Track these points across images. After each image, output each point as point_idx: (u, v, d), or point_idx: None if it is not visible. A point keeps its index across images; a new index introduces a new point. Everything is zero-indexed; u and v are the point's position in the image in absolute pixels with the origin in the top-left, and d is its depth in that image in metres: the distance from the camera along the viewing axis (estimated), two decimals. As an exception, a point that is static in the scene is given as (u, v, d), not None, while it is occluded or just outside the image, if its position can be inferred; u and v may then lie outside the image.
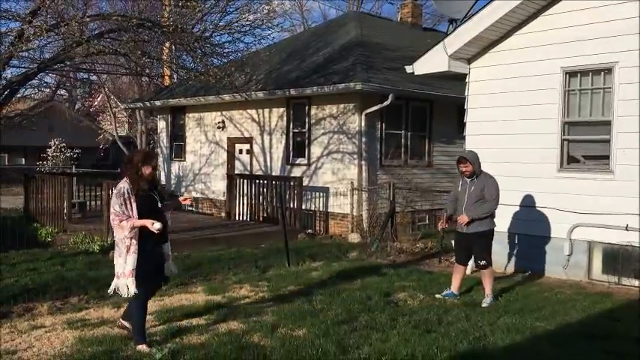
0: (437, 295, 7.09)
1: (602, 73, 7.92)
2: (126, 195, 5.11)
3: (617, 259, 7.79)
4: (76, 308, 6.56)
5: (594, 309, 6.57)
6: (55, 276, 8.05)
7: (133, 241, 5.10)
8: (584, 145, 8.33)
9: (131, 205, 5.12)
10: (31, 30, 9.76)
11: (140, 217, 5.12)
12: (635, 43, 7.51)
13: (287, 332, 5.60)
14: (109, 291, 5.41)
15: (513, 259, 8.86)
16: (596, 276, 8.02)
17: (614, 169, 7.77)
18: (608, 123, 7.85)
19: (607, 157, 7.88)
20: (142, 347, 5.12)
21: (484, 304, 6.70)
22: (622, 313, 6.45)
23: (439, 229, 7.83)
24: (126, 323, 5.54)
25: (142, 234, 5.14)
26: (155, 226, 5.06)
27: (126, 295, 5.21)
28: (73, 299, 6.97)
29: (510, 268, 8.84)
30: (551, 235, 8.30)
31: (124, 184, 5.18)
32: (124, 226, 5.06)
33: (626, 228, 7.60)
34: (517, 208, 8.63)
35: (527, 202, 8.52)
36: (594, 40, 7.88)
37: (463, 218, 6.82)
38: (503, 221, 8.84)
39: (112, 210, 5.14)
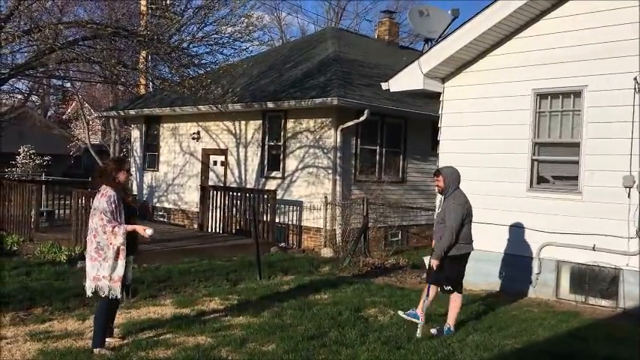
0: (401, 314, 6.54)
1: (572, 95, 8.11)
2: (116, 202, 5.28)
3: (584, 278, 7.92)
4: (39, 319, 6.40)
5: (561, 328, 6.65)
6: (20, 286, 7.86)
7: (123, 247, 5.26)
8: (554, 166, 8.49)
9: (120, 212, 5.30)
10: (3, 35, 9.59)
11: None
12: (604, 67, 7.71)
13: (256, 347, 5.54)
14: (88, 294, 5.40)
15: (484, 276, 8.93)
16: (564, 295, 8.13)
17: (582, 190, 7.93)
18: (577, 145, 8.02)
19: (575, 178, 8.04)
20: (100, 351, 5.23)
21: (432, 331, 6.23)
22: (588, 332, 6.54)
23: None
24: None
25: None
26: (147, 232, 5.29)
27: (105, 294, 5.28)
28: (37, 310, 6.80)
29: (481, 286, 8.90)
30: (522, 254, 8.41)
31: (111, 192, 5.30)
32: (117, 232, 5.19)
33: (594, 248, 7.74)
34: (489, 227, 8.71)
35: (499, 221, 8.62)
36: (565, 63, 8.08)
37: (434, 263, 6.21)
38: (477, 239, 8.95)
39: (101, 217, 5.22)
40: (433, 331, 6.26)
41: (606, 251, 7.65)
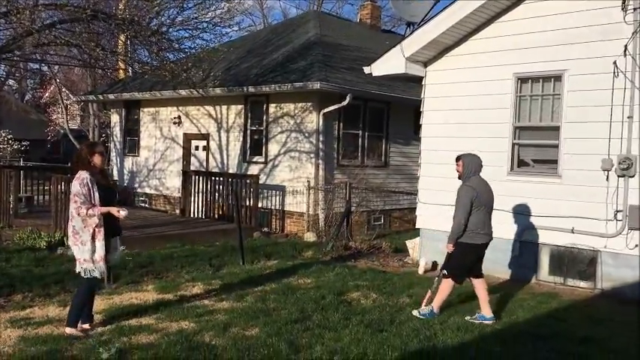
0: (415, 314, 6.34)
1: (552, 79, 8.17)
2: (89, 184, 5.32)
3: (563, 260, 8.05)
4: (19, 306, 6.33)
5: (541, 309, 6.77)
6: (-1, 273, 7.77)
7: (100, 228, 5.34)
8: (534, 150, 8.57)
9: (94, 194, 5.34)
10: (-21, 17, 9.36)
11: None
12: (584, 51, 7.77)
13: (239, 332, 5.55)
14: (77, 270, 5.45)
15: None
16: (544, 277, 8.26)
17: (561, 174, 8.02)
18: (557, 128, 8.10)
19: (555, 162, 8.13)
20: (72, 331, 5.35)
21: (414, 312, 6.31)
22: (567, 313, 6.66)
23: None
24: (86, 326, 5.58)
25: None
26: (121, 213, 5.38)
27: (93, 276, 5.37)
28: (17, 297, 6.72)
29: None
30: (502, 237, 8.49)
31: (85, 175, 5.36)
32: (90, 214, 5.26)
33: (572, 230, 7.86)
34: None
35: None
36: (545, 47, 8.12)
37: (448, 247, 6.24)
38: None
39: (75, 199, 5.30)
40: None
41: (585, 233, 7.77)
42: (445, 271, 6.28)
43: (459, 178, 6.35)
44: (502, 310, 6.64)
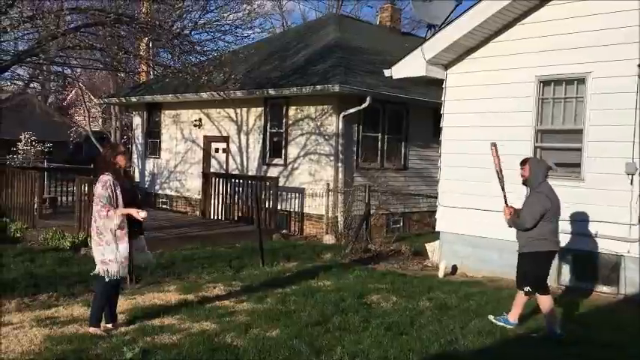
0: (492, 319, 6.20)
1: (575, 82, 8.09)
2: (112, 186, 5.42)
3: (585, 265, 7.96)
4: (45, 305, 6.45)
5: (562, 314, 6.69)
6: (24, 272, 7.91)
7: (122, 230, 5.42)
8: (557, 153, 8.48)
9: (117, 196, 5.44)
10: (7, 21, 9.56)
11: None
12: (608, 54, 7.69)
13: (260, 333, 5.59)
14: (95, 272, 5.52)
15: (485, 263, 8.97)
16: (566, 281, 8.17)
17: (584, 177, 7.94)
18: (579, 131, 8.02)
19: (578, 165, 8.04)
20: (96, 330, 5.42)
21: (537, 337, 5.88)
22: (590, 318, 6.59)
23: None
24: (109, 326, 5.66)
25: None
26: (141, 214, 5.46)
27: (114, 277, 5.44)
28: (43, 296, 6.85)
29: (482, 272, 8.95)
30: (523, 241, 8.43)
31: (108, 177, 5.46)
32: (111, 216, 5.36)
33: (596, 235, 7.77)
34: (491, 214, 8.74)
35: (500, 208, 8.61)
36: (568, 50, 8.04)
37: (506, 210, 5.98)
38: (476, 226, 8.99)
39: (97, 202, 5.41)
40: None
41: (608, 238, 7.68)
42: (528, 289, 5.90)
43: (524, 183, 6.10)
44: (524, 314, 6.58)
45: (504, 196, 6.12)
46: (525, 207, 5.88)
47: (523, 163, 6.11)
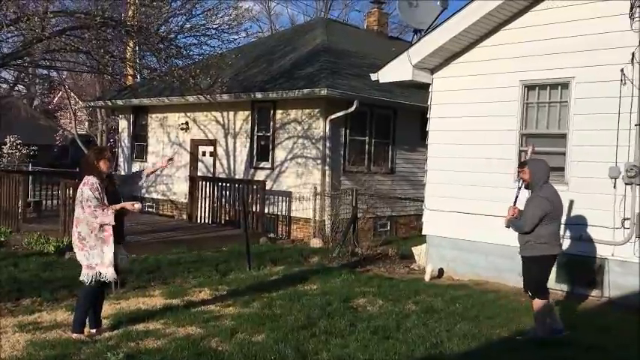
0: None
1: (560, 87, 8.17)
2: (99, 189, 5.37)
3: (570, 268, 8.01)
4: (28, 310, 6.38)
5: (547, 316, 6.72)
6: (7, 277, 7.82)
7: (109, 233, 5.37)
8: (541, 157, 8.53)
9: (104, 197, 5.39)
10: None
11: None
12: (592, 59, 7.77)
13: (246, 337, 5.57)
14: (87, 283, 5.45)
15: (471, 266, 9.02)
16: (551, 284, 8.10)
17: (568, 181, 8.01)
18: (564, 136, 8.10)
19: (562, 169, 8.11)
20: (80, 336, 5.37)
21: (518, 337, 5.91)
22: (574, 321, 6.63)
23: None
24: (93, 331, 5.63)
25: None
26: (136, 206, 5.45)
27: (107, 280, 5.45)
28: (26, 301, 6.78)
29: (468, 275, 8.99)
30: (509, 244, 8.46)
31: (94, 180, 5.40)
32: (107, 213, 5.30)
33: (580, 238, 7.84)
34: (477, 217, 8.80)
35: (487, 212, 8.69)
36: (552, 55, 8.12)
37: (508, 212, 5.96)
38: (462, 229, 9.04)
39: (87, 204, 5.31)
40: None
41: (592, 241, 7.74)
42: (530, 293, 5.92)
43: (526, 187, 6.01)
44: (509, 317, 6.62)
45: (516, 196, 6.07)
46: (525, 210, 5.83)
47: (522, 165, 6.06)
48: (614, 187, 7.59)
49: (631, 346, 5.80)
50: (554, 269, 8.10)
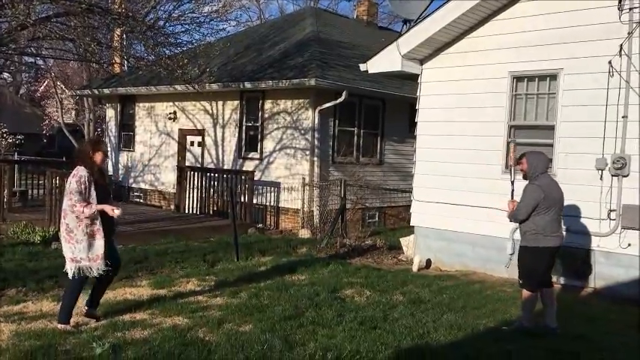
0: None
1: (548, 78, 8.19)
2: (86, 183, 5.29)
3: (557, 259, 8.05)
4: (13, 301, 6.33)
5: (535, 307, 6.77)
6: (-8, 267, 7.75)
7: (99, 226, 5.33)
8: (529, 149, 8.52)
9: (90, 193, 5.31)
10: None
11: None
12: (580, 51, 7.79)
13: (233, 328, 5.56)
14: (70, 276, 5.40)
15: (458, 257, 9.06)
16: (537, 275, 8.27)
17: (556, 172, 8.04)
18: (552, 127, 8.13)
19: (550, 161, 8.12)
20: (65, 327, 5.33)
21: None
22: (561, 311, 6.67)
23: None
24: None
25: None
26: (116, 212, 5.36)
27: (94, 275, 5.40)
28: (11, 291, 6.71)
29: (455, 266, 9.04)
30: (496, 235, 8.53)
31: (83, 172, 5.32)
32: (85, 212, 5.24)
33: (567, 229, 7.87)
34: (464, 208, 8.83)
35: (474, 203, 8.72)
36: (541, 46, 8.13)
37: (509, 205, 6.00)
38: (450, 220, 9.07)
39: (70, 197, 5.27)
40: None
41: (579, 232, 7.80)
42: (520, 282, 5.92)
43: (524, 177, 6.02)
44: (495, 308, 6.66)
45: (512, 190, 6.11)
46: (520, 198, 5.89)
47: (520, 157, 6.07)
48: (601, 178, 7.65)
49: (616, 335, 5.86)
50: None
